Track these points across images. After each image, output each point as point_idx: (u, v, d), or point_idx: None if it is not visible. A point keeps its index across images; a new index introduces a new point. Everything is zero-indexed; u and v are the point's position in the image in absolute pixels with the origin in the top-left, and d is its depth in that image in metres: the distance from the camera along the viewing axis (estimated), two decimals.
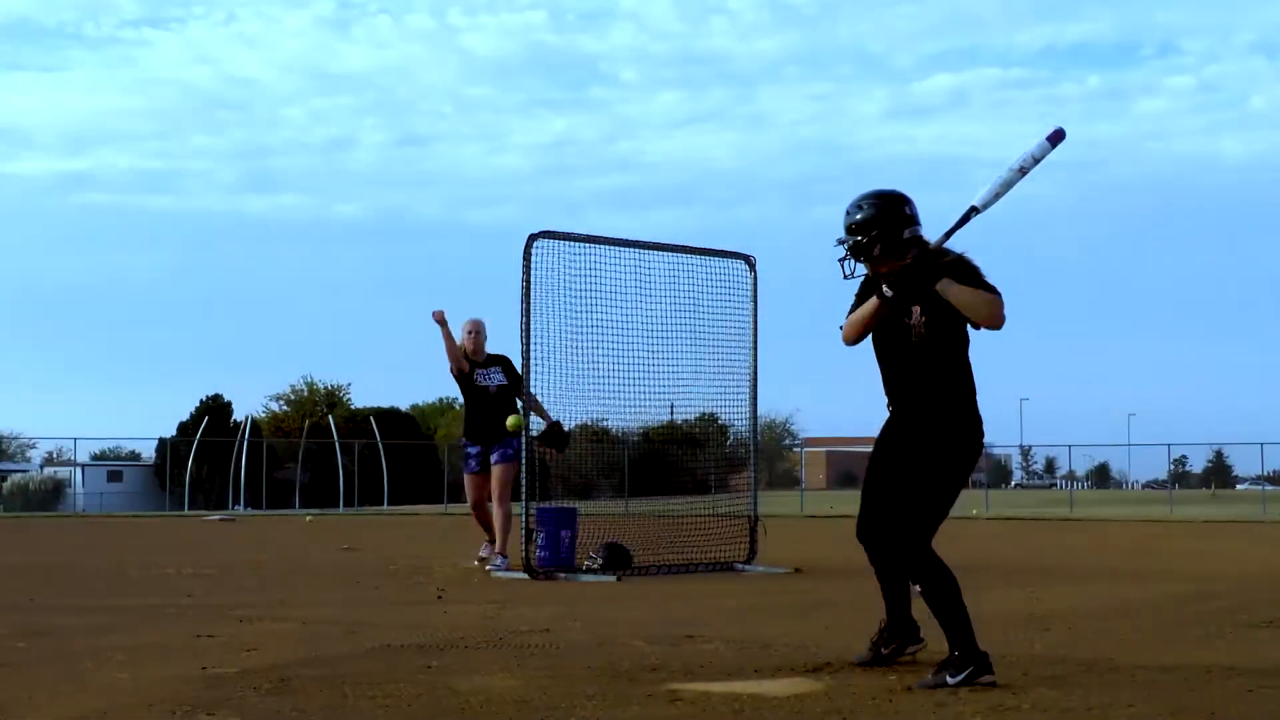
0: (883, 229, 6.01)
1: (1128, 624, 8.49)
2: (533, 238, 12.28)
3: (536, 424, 12.54)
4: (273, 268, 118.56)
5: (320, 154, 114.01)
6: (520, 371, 12.45)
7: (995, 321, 5.87)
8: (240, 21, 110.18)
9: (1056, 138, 6.22)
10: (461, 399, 13.44)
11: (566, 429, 12.82)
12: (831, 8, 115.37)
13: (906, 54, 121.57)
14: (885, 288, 5.89)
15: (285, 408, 75.36)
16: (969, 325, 5.97)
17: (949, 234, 5.96)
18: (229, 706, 5.31)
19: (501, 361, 13.17)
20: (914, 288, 5.86)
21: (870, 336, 6.12)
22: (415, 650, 6.98)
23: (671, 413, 14.70)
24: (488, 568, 12.74)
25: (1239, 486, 79.53)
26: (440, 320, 12.83)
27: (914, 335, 5.97)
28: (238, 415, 65.46)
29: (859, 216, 6.05)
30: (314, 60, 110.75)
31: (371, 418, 59.53)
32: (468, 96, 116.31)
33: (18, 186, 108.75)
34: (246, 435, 53.09)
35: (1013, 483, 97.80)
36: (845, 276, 6.13)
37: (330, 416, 60.44)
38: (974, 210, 5.98)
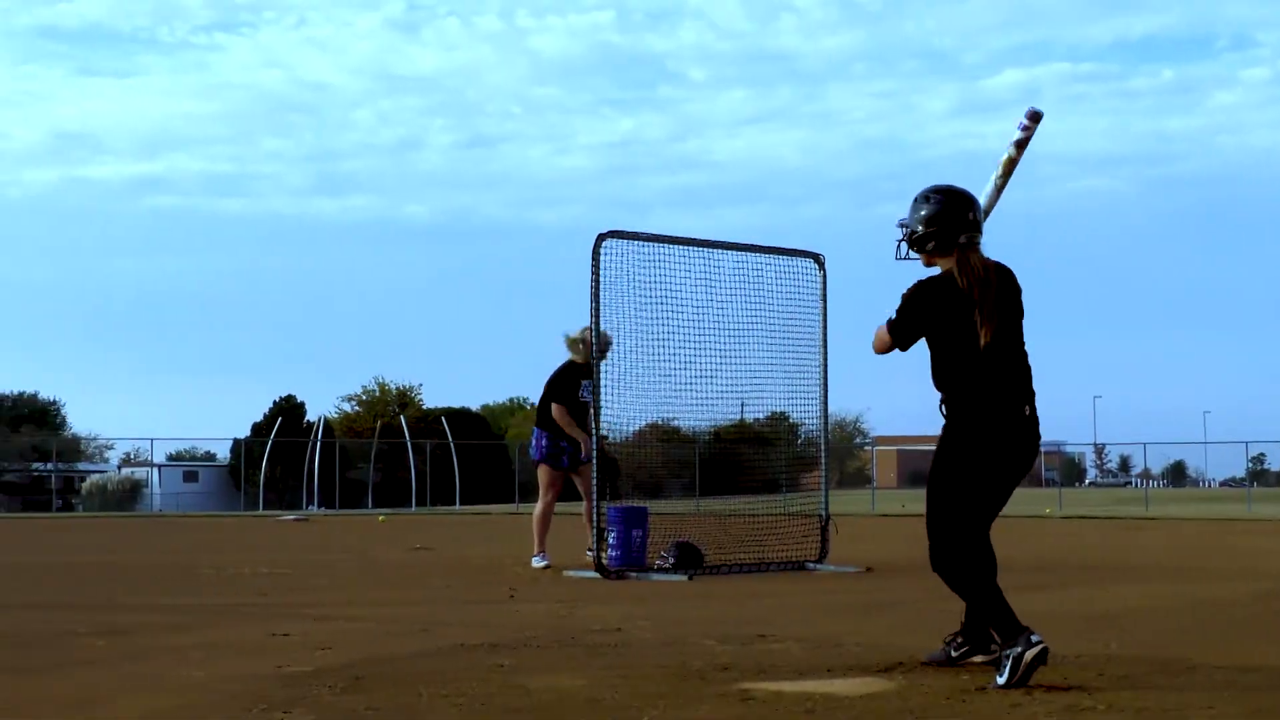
0: (940, 228, 6.11)
1: (1204, 623, 8.40)
2: (601, 237, 12.29)
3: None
4: (343, 269, 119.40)
5: (389, 156, 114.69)
6: (591, 375, 12.47)
7: (875, 347, 6.28)
8: (310, 25, 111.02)
9: (1034, 116, 6.52)
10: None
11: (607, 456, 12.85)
12: (899, 4, 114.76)
13: (975, 50, 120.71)
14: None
15: (357, 408, 75.89)
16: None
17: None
18: (303, 705, 5.35)
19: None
20: None
21: None
22: (487, 649, 7.00)
23: (742, 411, 14.67)
24: (589, 555, 12.76)
25: None
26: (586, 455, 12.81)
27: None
28: (310, 416, 66.00)
29: (923, 211, 6.16)
30: (383, 63, 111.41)
31: (443, 418, 59.90)
32: (535, 97, 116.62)
33: (92, 190, 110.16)
34: (319, 436, 53.55)
35: (1086, 481, 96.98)
36: (897, 258, 6.30)
37: (402, 417, 60.84)
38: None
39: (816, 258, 13.50)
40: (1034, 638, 5.60)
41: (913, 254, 6.26)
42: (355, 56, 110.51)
